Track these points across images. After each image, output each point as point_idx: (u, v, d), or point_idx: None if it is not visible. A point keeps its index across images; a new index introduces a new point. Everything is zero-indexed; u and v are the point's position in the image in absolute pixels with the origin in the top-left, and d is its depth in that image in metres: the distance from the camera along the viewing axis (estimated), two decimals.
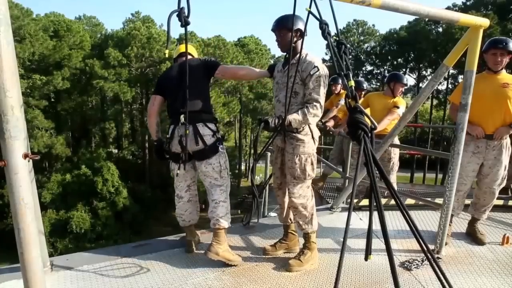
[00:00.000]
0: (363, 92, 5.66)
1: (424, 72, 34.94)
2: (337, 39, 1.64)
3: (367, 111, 3.94)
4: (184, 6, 1.79)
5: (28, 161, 1.74)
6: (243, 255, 2.93)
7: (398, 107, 4.57)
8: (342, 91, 6.02)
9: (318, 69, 2.51)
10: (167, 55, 2.10)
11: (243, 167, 38.72)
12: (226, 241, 2.79)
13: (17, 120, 1.61)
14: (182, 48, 3.05)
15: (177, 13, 1.82)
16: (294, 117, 2.55)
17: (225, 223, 2.74)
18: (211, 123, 2.82)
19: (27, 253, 1.69)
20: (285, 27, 2.58)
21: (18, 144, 1.61)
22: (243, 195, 29.66)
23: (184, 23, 1.84)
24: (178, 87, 2.75)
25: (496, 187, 3.22)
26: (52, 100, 27.64)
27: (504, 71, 3.14)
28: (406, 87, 5.01)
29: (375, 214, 1.24)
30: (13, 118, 1.59)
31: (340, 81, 6.07)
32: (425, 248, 1.29)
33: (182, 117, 2.66)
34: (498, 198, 3.35)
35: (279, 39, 2.65)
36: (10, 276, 2.53)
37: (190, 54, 3.03)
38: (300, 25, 2.57)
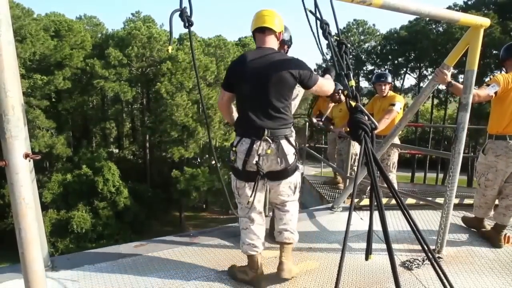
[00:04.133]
0: (388, 85, 4.87)
1: (424, 72, 34.91)
2: (338, 38, 1.63)
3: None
4: (186, 5, 1.77)
5: (29, 161, 1.74)
6: (243, 256, 2.93)
7: (394, 104, 4.56)
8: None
9: None
10: (170, 51, 2.02)
11: None
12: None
13: (18, 120, 1.61)
14: (267, 20, 2.33)
15: (179, 12, 1.78)
16: None
17: (297, 237, 2.55)
18: (292, 137, 2.42)
19: (28, 253, 1.69)
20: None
21: (19, 144, 1.61)
22: None
23: (188, 23, 1.77)
24: (260, 89, 2.29)
25: (476, 180, 3.29)
26: (53, 100, 27.64)
27: None
28: (388, 83, 4.80)
29: (376, 213, 1.24)
30: (14, 118, 1.58)
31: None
32: (426, 248, 1.29)
33: (266, 132, 2.28)
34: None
35: None
36: (11, 276, 2.53)
37: (272, 31, 2.35)
38: (285, 36, 2.66)
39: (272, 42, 2.37)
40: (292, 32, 2.88)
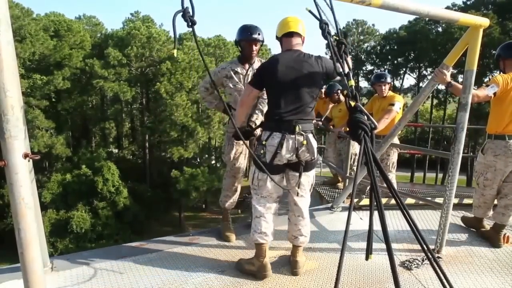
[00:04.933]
0: (388, 85, 4.87)
1: (424, 72, 34.93)
2: (337, 38, 1.63)
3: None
4: (188, 6, 1.77)
5: (29, 161, 1.74)
6: (244, 255, 2.93)
7: (393, 104, 4.57)
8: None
9: None
10: (175, 54, 2.07)
11: None
12: None
13: (17, 120, 1.61)
14: (292, 26, 2.53)
15: (181, 13, 1.79)
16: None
17: (309, 238, 2.72)
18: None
19: (27, 253, 1.69)
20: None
21: (19, 144, 1.61)
22: (243, 195, 29.63)
23: (191, 23, 1.81)
24: (292, 86, 2.46)
25: (475, 180, 3.32)
26: (53, 100, 27.60)
27: None
28: (388, 83, 4.80)
29: (376, 213, 1.24)
30: (13, 118, 1.59)
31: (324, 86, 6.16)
32: (426, 248, 1.29)
33: (299, 127, 2.45)
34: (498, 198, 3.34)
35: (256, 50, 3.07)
36: (10, 276, 2.53)
37: (298, 34, 2.55)
38: (259, 37, 3.03)
39: (298, 45, 2.56)
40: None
